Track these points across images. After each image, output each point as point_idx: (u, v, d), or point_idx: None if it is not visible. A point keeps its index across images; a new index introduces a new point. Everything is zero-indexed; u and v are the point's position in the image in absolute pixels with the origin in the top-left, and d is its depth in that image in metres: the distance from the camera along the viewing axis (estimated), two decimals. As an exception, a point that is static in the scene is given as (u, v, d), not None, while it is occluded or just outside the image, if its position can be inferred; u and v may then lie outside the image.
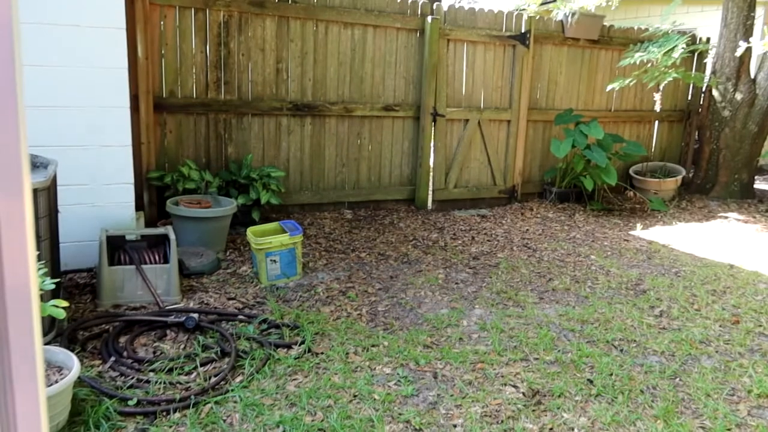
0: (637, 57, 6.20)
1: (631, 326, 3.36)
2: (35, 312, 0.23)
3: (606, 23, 6.68)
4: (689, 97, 7.42)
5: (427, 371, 2.77)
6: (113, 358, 2.67)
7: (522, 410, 2.46)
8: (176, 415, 2.32)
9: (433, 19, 5.57)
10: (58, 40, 3.40)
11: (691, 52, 6.79)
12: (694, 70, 7.17)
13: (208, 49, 4.83)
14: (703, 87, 7.28)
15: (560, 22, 6.40)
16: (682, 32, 6.76)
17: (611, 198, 6.67)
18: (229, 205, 4.33)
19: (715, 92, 6.86)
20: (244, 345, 2.90)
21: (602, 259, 4.65)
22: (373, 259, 4.38)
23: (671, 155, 7.49)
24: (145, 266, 3.33)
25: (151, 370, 2.62)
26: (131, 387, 2.49)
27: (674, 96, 7.31)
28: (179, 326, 3.01)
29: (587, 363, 2.90)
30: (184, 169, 4.53)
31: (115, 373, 2.59)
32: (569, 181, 6.38)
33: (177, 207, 4.14)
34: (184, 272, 3.66)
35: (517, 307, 3.59)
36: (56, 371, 2.22)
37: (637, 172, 7.02)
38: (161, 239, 3.56)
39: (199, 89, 4.85)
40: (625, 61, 6.30)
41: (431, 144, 5.88)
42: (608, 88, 6.53)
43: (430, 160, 5.92)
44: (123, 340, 2.89)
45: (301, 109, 5.23)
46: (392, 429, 2.30)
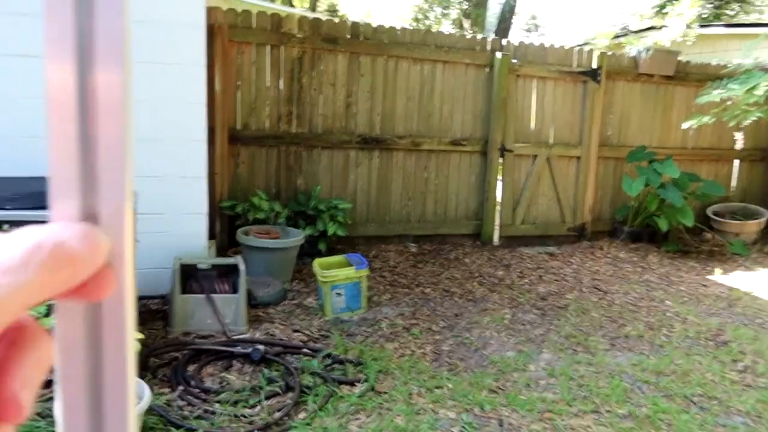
0: (715, 94, 5.95)
1: (711, 381, 3.16)
2: (129, 338, 0.23)
3: (681, 58, 6.48)
4: (773, 135, 7.05)
5: (492, 418, 2.69)
6: (181, 387, 2.73)
7: (594, 467, 2.34)
8: (241, 449, 2.33)
9: (502, 55, 5.56)
10: (143, 77, 3.58)
11: (776, 89, 6.47)
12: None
13: (281, 84, 4.99)
14: (789, 125, 6.90)
15: (633, 58, 6.25)
16: (765, 69, 6.46)
17: (687, 239, 6.37)
18: (297, 236, 4.41)
19: (802, 131, 6.49)
20: (307, 380, 2.91)
21: (678, 305, 4.42)
22: (438, 295, 4.33)
23: (752, 196, 7.10)
24: (215, 295, 3.42)
25: (217, 401, 2.66)
26: (198, 417, 2.53)
27: (756, 134, 6.96)
28: (245, 357, 3.06)
29: (664, 420, 2.73)
30: (255, 200, 4.65)
31: (183, 402, 2.65)
32: (642, 221, 6.15)
33: (247, 237, 4.24)
34: (252, 302, 3.73)
35: (587, 354, 3.45)
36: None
37: (716, 213, 6.68)
38: (231, 269, 3.65)
39: (272, 122, 5.00)
40: (702, 98, 6.05)
41: (498, 179, 5.82)
42: (685, 125, 6.29)
43: (497, 195, 5.85)
44: (191, 368, 2.95)
45: (369, 143, 5.30)
46: (457, 478, 2.23)
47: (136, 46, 3.54)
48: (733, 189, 7.01)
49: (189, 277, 3.54)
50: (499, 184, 5.85)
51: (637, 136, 6.39)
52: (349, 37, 5.13)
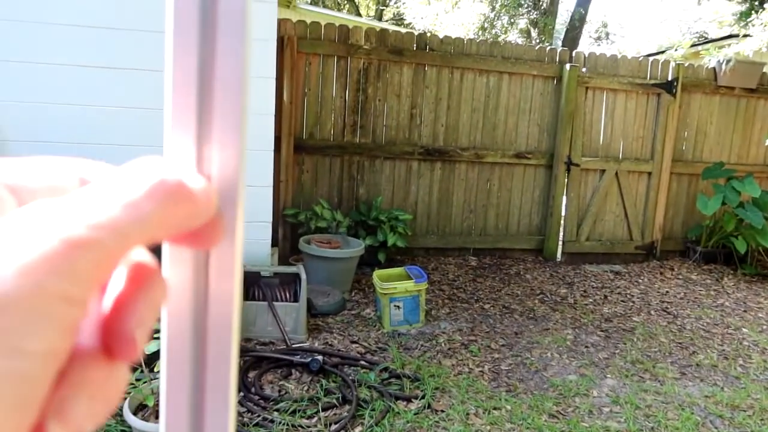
0: (804, 108, 5.60)
1: (793, 419, 2.95)
2: (234, 343, 0.23)
3: (767, 70, 6.13)
4: None
5: (552, 445, 2.60)
6: (242, 393, 2.79)
7: (661, 506, 2.22)
8: (297, 461, 2.35)
9: (571, 66, 5.42)
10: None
11: None
12: None
13: (347, 95, 5.05)
14: None
15: (712, 70, 5.96)
16: None
17: (767, 262, 6.00)
18: (357, 247, 4.43)
19: None
20: (364, 393, 2.91)
21: (756, 333, 4.16)
22: (498, 311, 4.25)
23: (842, 217, 6.61)
24: (276, 303, 3.47)
25: (276, 410, 2.70)
26: (257, 425, 2.57)
27: None
28: (304, 367, 3.09)
29: (739, 458, 2.57)
30: (318, 208, 4.71)
31: (243, 409, 2.70)
32: (717, 241, 5.84)
33: (309, 246, 4.30)
34: (312, 312, 3.77)
35: (655, 382, 3.29)
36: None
37: (800, 235, 6.26)
38: (293, 277, 3.70)
39: (336, 132, 5.06)
40: (789, 113, 5.71)
41: (563, 194, 5.67)
42: None
43: (562, 211, 5.69)
44: (252, 375, 3.01)
45: (432, 154, 5.28)
46: (514, 507, 2.17)
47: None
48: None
49: (252, 284, 3.61)
50: (563, 199, 5.70)
51: (714, 152, 6.08)
52: (415, 48, 5.14)
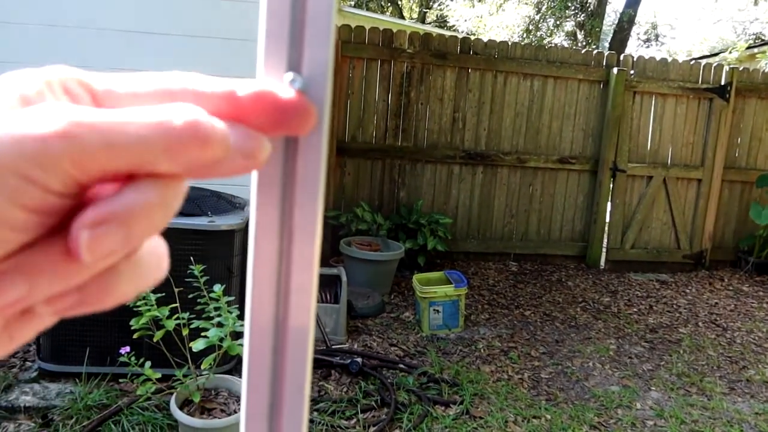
0: None
1: None
2: (311, 340, 0.25)
3: (827, 75, 5.87)
4: None
5: (593, 456, 2.55)
6: (282, 392, 2.83)
7: None
8: (335, 461, 2.37)
9: (618, 70, 5.31)
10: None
11: None
12: None
13: (389, 98, 5.07)
14: None
15: (769, 74, 5.75)
16: None
17: (824, 275, 5.75)
18: (397, 250, 4.44)
19: None
20: (403, 396, 2.91)
21: (811, 349, 3.99)
22: (538, 318, 4.19)
23: None
24: (318, 304, 3.51)
25: (316, 410, 2.73)
26: (296, 424, 2.60)
27: None
28: (343, 368, 3.11)
29: (791, 479, 2.48)
30: (359, 211, 4.74)
31: (283, 408, 2.74)
32: (770, 252, 5.63)
33: (349, 248, 4.33)
34: (352, 313, 3.80)
35: (702, 396, 3.20)
36: (236, 401, 2.39)
37: None
38: (333, 279, 3.74)
39: (378, 135, 5.08)
40: None
41: (608, 200, 5.56)
42: (826, 148, 5.70)
43: (606, 217, 5.58)
44: (292, 374, 3.05)
45: (474, 158, 5.25)
46: None
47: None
48: None
49: (293, 284, 3.66)
50: (608, 205, 5.58)
51: (769, 159, 5.87)
52: (458, 51, 5.12)
